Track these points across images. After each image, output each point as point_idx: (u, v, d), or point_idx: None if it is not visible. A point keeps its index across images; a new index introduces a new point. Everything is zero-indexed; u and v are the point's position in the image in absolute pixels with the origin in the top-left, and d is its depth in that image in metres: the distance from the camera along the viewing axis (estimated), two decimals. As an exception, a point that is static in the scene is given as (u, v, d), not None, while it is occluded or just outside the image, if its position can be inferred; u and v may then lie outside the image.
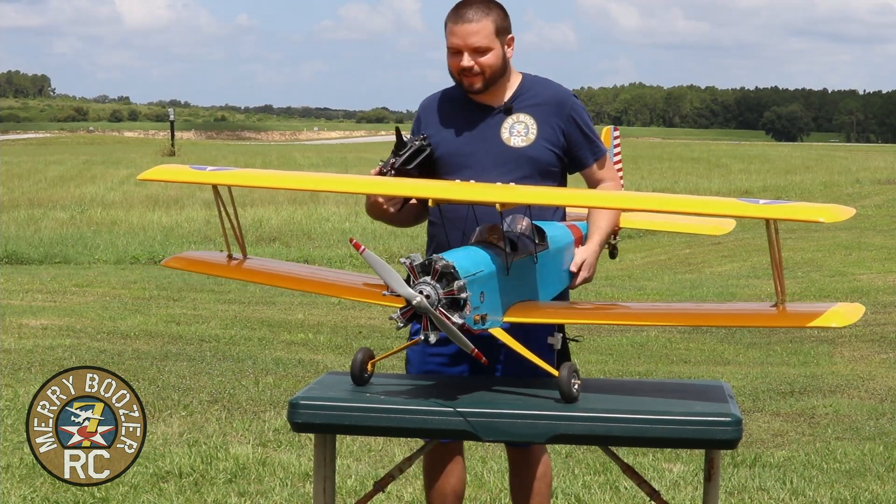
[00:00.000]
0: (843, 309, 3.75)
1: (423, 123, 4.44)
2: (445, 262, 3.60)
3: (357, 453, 6.81)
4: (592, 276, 4.36)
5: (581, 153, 4.39)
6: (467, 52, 4.24)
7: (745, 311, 4.21)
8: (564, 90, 4.43)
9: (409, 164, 4.26)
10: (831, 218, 3.59)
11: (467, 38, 4.24)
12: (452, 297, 3.59)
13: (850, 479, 6.40)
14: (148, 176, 4.33)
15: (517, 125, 4.33)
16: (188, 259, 4.65)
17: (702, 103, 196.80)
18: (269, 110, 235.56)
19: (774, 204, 3.64)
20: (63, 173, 37.56)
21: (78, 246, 19.95)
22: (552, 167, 4.35)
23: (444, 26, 4.33)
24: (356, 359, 3.95)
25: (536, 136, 4.31)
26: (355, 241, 3.57)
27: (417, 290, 3.58)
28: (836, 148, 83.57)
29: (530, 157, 4.30)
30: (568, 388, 3.71)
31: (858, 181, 36.16)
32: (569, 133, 4.36)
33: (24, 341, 10.18)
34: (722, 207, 3.86)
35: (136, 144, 71.40)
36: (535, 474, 4.53)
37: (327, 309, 12.85)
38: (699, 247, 20.61)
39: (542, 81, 4.44)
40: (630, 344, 10.87)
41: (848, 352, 10.44)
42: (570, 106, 4.37)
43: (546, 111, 4.34)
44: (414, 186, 4.11)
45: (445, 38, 4.32)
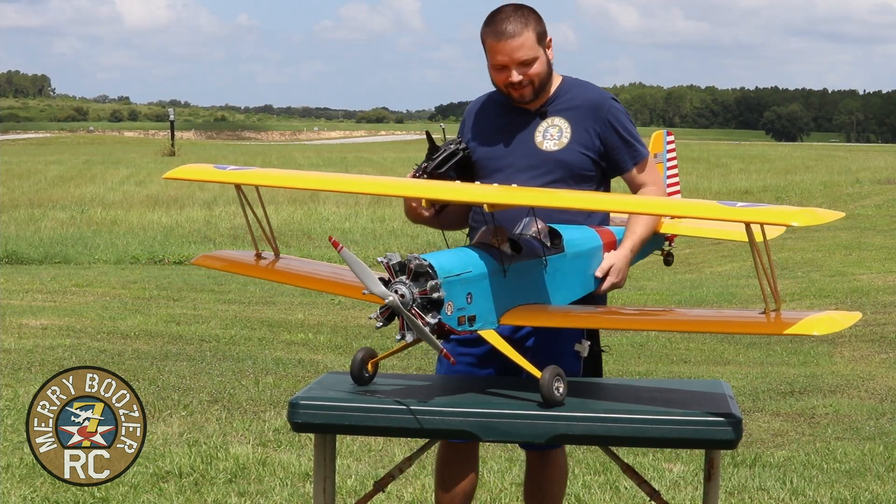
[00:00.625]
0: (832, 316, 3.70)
1: (466, 127, 4.46)
2: (420, 261, 3.61)
3: (357, 453, 6.81)
4: (622, 282, 4.28)
5: (619, 157, 4.35)
6: (514, 66, 4.22)
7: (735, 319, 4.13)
8: (603, 93, 4.39)
9: (441, 167, 4.27)
10: (805, 221, 3.51)
11: (513, 54, 4.20)
12: (426, 296, 3.59)
13: (850, 479, 6.40)
14: (174, 175, 4.37)
15: (551, 129, 4.31)
16: (219, 258, 4.65)
17: (702, 103, 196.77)
18: (269, 110, 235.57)
19: (750, 206, 3.60)
20: (63, 173, 37.56)
21: (78, 246, 19.95)
22: (586, 171, 4.31)
23: (482, 40, 4.28)
24: (356, 358, 3.95)
25: (570, 140, 4.29)
26: (334, 240, 3.56)
27: (392, 289, 3.58)
28: (836, 148, 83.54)
29: (562, 162, 4.27)
30: (549, 391, 3.67)
31: (858, 181, 36.14)
32: (605, 137, 4.32)
33: (24, 341, 10.18)
34: (701, 210, 3.85)
35: (136, 144, 71.39)
36: (549, 478, 4.52)
37: (327, 309, 12.85)
38: (699, 247, 20.61)
39: (582, 84, 4.41)
40: (630, 344, 10.87)
41: (848, 352, 10.44)
42: (608, 109, 4.33)
43: (582, 115, 4.31)
44: (411, 187, 4.11)
45: (486, 51, 4.28)
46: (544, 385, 3.67)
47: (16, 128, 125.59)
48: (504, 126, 4.36)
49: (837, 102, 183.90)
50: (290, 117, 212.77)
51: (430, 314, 3.60)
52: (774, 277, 3.76)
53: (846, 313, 3.75)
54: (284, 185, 4.65)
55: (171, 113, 60.10)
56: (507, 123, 4.36)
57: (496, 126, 4.37)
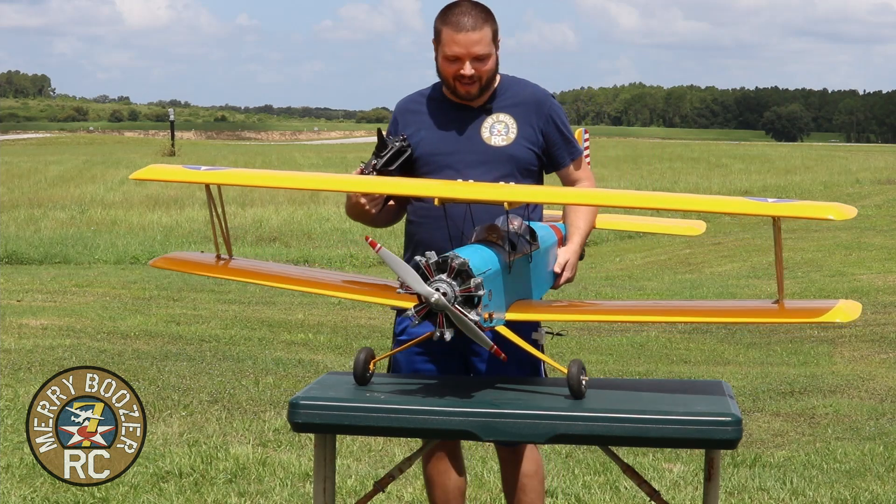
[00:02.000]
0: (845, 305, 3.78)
1: (400, 125, 4.46)
2: (462, 259, 3.63)
3: (357, 453, 6.81)
4: (574, 277, 4.40)
5: (559, 153, 4.43)
6: (469, 60, 4.25)
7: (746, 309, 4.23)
8: (542, 91, 4.47)
9: (390, 165, 4.29)
10: (840, 216, 3.63)
11: (471, 48, 4.24)
12: (468, 294, 3.62)
13: (850, 479, 6.40)
14: (141, 175, 4.32)
15: (497, 124, 4.36)
16: (176, 259, 4.65)
17: (702, 103, 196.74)
18: (269, 110, 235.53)
19: (784, 202, 3.68)
20: (63, 173, 37.57)
21: (78, 246, 19.96)
22: (531, 166, 4.39)
23: (437, 32, 4.32)
24: (359, 358, 3.96)
25: (517, 136, 4.35)
26: (371, 240, 3.59)
27: (434, 287, 3.59)
28: (836, 148, 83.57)
29: (511, 156, 4.33)
30: (577, 384, 3.76)
31: (858, 181, 36.18)
32: (547, 133, 4.40)
33: (24, 341, 10.18)
34: (732, 206, 3.88)
35: (136, 145, 71.41)
36: (524, 471, 4.54)
37: (327, 309, 12.85)
38: (699, 247, 20.62)
39: (521, 82, 4.48)
40: (630, 344, 10.87)
41: (848, 352, 10.44)
42: (549, 106, 4.41)
43: (525, 111, 4.38)
44: (420, 186, 4.12)
45: (440, 43, 4.31)
46: (573, 378, 3.76)
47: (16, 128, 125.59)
48: (448, 123, 4.39)
49: (837, 102, 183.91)
50: (290, 117, 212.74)
51: (473, 311, 3.63)
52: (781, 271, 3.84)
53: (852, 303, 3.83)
54: (250, 184, 4.67)
55: (171, 113, 60.17)
56: (451, 120, 4.39)
57: (438, 123, 4.40)
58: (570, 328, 11.62)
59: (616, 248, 21.74)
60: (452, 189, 4.00)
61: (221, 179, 4.28)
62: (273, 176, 4.80)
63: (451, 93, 4.38)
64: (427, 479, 4.64)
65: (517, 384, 4.05)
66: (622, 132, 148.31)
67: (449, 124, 4.38)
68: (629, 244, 22.04)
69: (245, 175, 4.46)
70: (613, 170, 41.90)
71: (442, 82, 4.39)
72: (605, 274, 17.17)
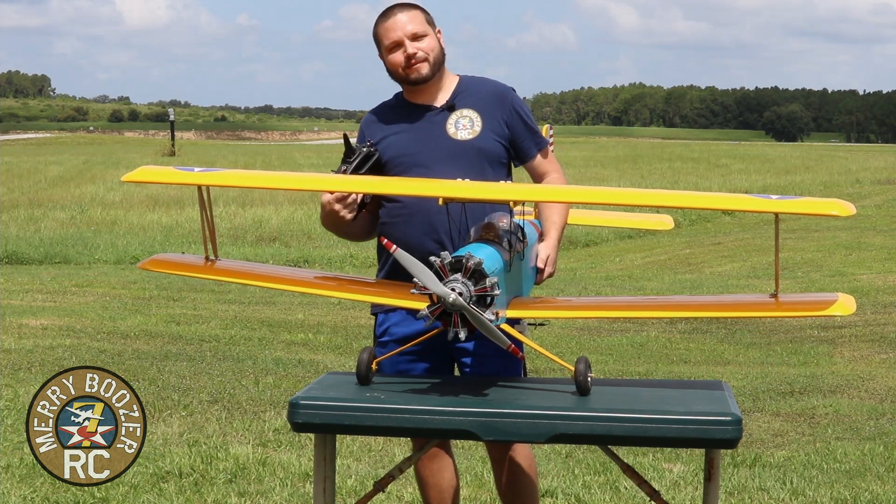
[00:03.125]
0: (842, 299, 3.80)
1: (366, 136, 4.49)
2: (477, 259, 3.64)
3: (357, 453, 6.81)
4: (554, 272, 4.42)
5: (525, 144, 4.46)
6: (407, 39, 4.35)
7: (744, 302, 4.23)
8: (503, 85, 4.51)
9: (359, 170, 4.31)
10: (844, 212, 3.63)
11: (405, 27, 4.36)
12: (483, 293, 3.63)
13: (850, 479, 6.40)
14: (132, 177, 4.28)
15: (462, 119, 4.40)
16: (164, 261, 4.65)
17: (702, 103, 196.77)
18: (270, 110, 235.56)
19: (788, 199, 3.69)
20: (63, 173, 37.58)
21: (78, 246, 19.96)
22: (501, 158, 4.42)
23: (375, 38, 4.44)
24: (362, 359, 3.97)
25: (482, 128, 4.38)
26: (387, 242, 3.60)
27: (449, 287, 3.61)
28: (836, 148, 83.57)
29: (479, 149, 4.36)
30: (584, 381, 3.79)
31: (858, 181, 36.18)
32: (512, 125, 4.43)
33: (24, 341, 10.18)
34: (736, 203, 3.89)
35: (136, 145, 71.41)
36: (517, 471, 4.54)
37: (327, 309, 12.85)
38: (699, 247, 20.62)
39: (481, 79, 4.53)
40: (630, 344, 10.87)
41: (848, 352, 10.44)
42: (511, 99, 4.46)
43: (489, 105, 4.42)
44: (418, 185, 4.12)
45: (380, 44, 4.42)
46: (580, 375, 3.78)
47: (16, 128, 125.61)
48: (413, 125, 4.43)
49: (837, 102, 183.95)
50: (290, 117, 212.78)
51: (488, 311, 3.64)
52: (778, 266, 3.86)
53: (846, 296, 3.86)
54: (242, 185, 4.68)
55: (172, 113, 60.15)
56: (416, 122, 4.43)
57: (402, 126, 4.44)
58: (571, 328, 11.63)
59: (616, 248, 21.75)
60: (456, 189, 4.00)
61: (212, 181, 4.28)
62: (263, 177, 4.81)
63: (408, 87, 4.43)
64: (420, 479, 4.63)
65: (517, 384, 4.05)
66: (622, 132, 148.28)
67: (413, 125, 4.42)
68: (629, 244, 22.04)
69: (236, 176, 4.47)
70: (613, 170, 41.92)
71: (398, 83, 4.46)
72: (605, 274, 17.17)
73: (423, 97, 4.44)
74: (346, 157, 4.33)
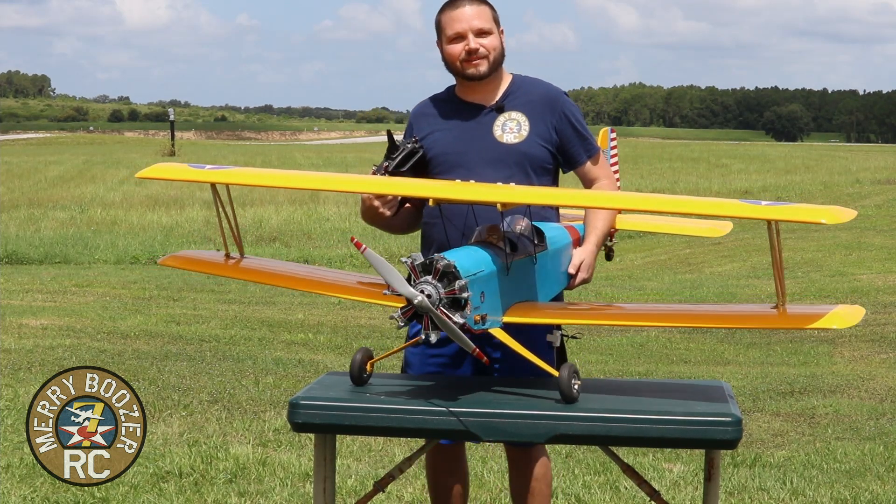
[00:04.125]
0: (844, 311, 3.75)
1: (415, 129, 4.45)
2: (447, 261, 3.60)
3: (357, 453, 6.81)
4: (591, 278, 4.35)
5: (574, 150, 4.39)
6: (472, 33, 4.28)
7: (745, 313, 4.21)
8: (555, 88, 4.44)
9: (402, 166, 4.28)
10: (833, 219, 3.59)
11: (471, 21, 4.28)
12: (454, 296, 3.59)
13: (850, 479, 6.40)
14: (146, 174, 4.32)
15: (509, 122, 4.34)
16: (185, 258, 4.65)
17: (702, 103, 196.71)
18: (269, 110, 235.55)
19: (776, 205, 3.65)
20: (63, 173, 37.56)
21: (78, 246, 19.95)
22: (546, 164, 4.35)
23: (437, 25, 4.36)
24: (355, 359, 3.95)
25: (529, 133, 4.32)
26: (356, 241, 3.57)
27: (419, 289, 3.58)
28: (836, 148, 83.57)
29: (523, 154, 4.30)
30: (568, 388, 3.71)
31: (858, 181, 36.17)
32: (561, 130, 4.36)
33: (24, 341, 10.18)
34: (724, 208, 3.86)
35: (136, 144, 71.40)
36: (534, 474, 4.53)
37: (327, 309, 12.85)
38: (699, 247, 20.61)
39: (533, 80, 4.46)
40: (630, 344, 10.87)
41: (848, 352, 10.44)
42: (562, 103, 4.39)
43: (538, 108, 4.35)
44: (414, 185, 4.11)
45: (441, 32, 4.35)
46: (563, 382, 3.71)
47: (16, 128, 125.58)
48: (460, 123, 4.38)
49: (837, 102, 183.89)
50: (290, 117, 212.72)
51: (458, 314, 3.61)
52: (782, 275, 3.82)
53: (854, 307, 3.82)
54: (256, 183, 4.64)
55: (172, 113, 60.13)
56: (463, 120, 4.38)
57: (451, 124, 4.39)
58: (571, 327, 11.62)
59: (616, 248, 21.72)
60: (447, 190, 3.99)
61: (226, 178, 4.27)
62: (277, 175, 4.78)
63: (462, 80, 4.37)
64: (429, 482, 4.63)
65: (517, 384, 4.05)
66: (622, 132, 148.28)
67: (461, 124, 4.37)
68: (629, 244, 22.03)
69: (249, 174, 4.45)
70: (613, 170, 41.81)
71: (453, 75, 4.39)
72: (606, 274, 17.16)
73: (474, 95, 4.38)
74: (389, 154, 4.30)
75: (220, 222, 4.44)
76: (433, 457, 4.56)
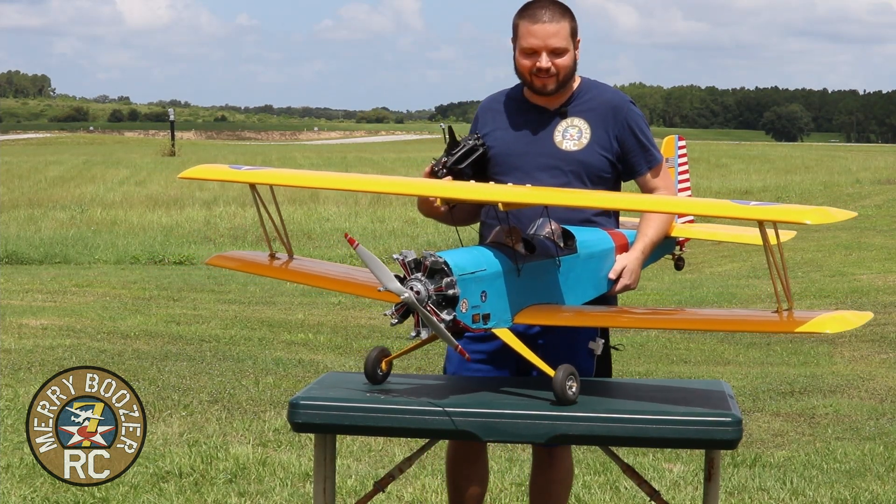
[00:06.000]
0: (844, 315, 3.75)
1: (480, 123, 4.46)
2: (436, 258, 3.63)
3: (357, 453, 6.81)
4: (635, 284, 4.29)
5: (635, 160, 4.37)
6: (546, 52, 4.25)
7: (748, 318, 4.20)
8: (622, 96, 4.41)
9: (460, 163, 4.28)
10: (818, 220, 3.56)
11: (547, 39, 4.24)
12: (442, 293, 3.61)
13: (850, 479, 6.40)
14: (189, 174, 4.42)
15: (571, 129, 4.33)
16: (233, 258, 4.68)
17: (702, 103, 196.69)
18: (269, 110, 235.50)
19: (764, 205, 3.64)
20: (63, 173, 37.54)
21: (78, 246, 19.95)
22: (604, 173, 4.33)
23: (514, 27, 4.32)
24: (370, 357, 3.96)
25: (589, 141, 4.31)
26: (349, 237, 3.59)
27: (408, 286, 3.60)
28: (836, 148, 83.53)
29: (581, 162, 4.29)
30: (562, 390, 3.70)
31: (858, 181, 36.15)
32: (623, 139, 4.34)
33: (24, 341, 10.18)
34: (715, 209, 3.86)
35: (137, 145, 71.37)
36: (555, 477, 4.53)
37: (327, 309, 12.85)
38: (699, 247, 20.59)
39: (600, 86, 4.43)
40: (630, 344, 10.86)
41: (848, 352, 10.44)
42: (627, 112, 4.35)
43: (601, 116, 4.33)
44: (426, 186, 4.11)
45: (517, 37, 4.31)
46: (557, 384, 3.70)
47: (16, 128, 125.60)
48: (522, 124, 4.37)
49: (837, 102, 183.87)
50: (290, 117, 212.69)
51: (446, 311, 3.62)
52: (787, 277, 3.81)
53: (858, 312, 3.82)
54: (300, 184, 4.66)
55: (172, 113, 60.07)
56: (526, 122, 4.37)
57: (514, 124, 4.38)
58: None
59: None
60: (454, 190, 4.00)
61: (268, 179, 4.31)
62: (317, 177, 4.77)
63: (528, 89, 4.36)
64: (449, 482, 4.62)
65: (517, 384, 4.05)
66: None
67: (524, 126, 4.36)
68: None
69: (291, 176, 4.49)
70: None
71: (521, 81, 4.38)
72: (605, 274, 17.15)
73: (541, 98, 4.36)
74: (450, 149, 4.30)
75: (263, 222, 4.47)
76: (452, 453, 4.57)
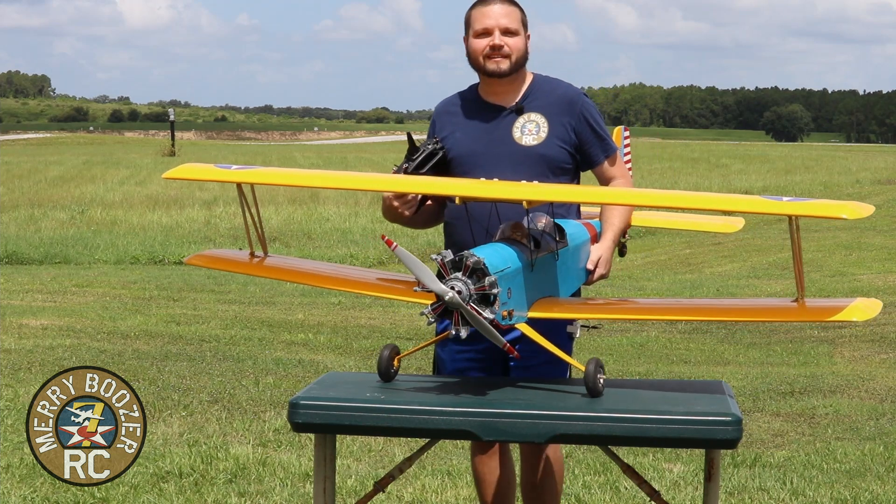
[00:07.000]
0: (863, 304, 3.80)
1: (438, 127, 4.51)
2: (476, 258, 3.65)
3: (357, 453, 6.81)
4: (609, 273, 4.42)
5: (592, 150, 4.44)
6: (498, 30, 4.34)
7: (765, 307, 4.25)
8: (574, 89, 4.49)
9: (421, 168, 4.33)
10: (854, 214, 3.64)
11: (499, 18, 4.35)
12: (483, 292, 3.63)
13: (850, 479, 6.40)
14: (174, 174, 4.37)
15: (528, 124, 4.39)
16: (211, 257, 4.68)
17: (702, 103, 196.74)
18: (270, 110, 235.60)
19: (798, 201, 3.69)
20: (63, 173, 37.55)
21: (78, 246, 19.95)
22: (565, 164, 4.40)
23: (466, 20, 4.43)
24: (383, 355, 3.98)
25: (548, 135, 4.37)
26: (387, 238, 3.63)
27: (449, 285, 3.61)
28: (836, 148, 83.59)
29: (542, 156, 4.35)
30: (594, 383, 3.77)
31: (858, 181, 36.18)
32: (580, 131, 4.41)
33: (24, 341, 10.18)
34: (746, 205, 3.89)
35: (137, 145, 71.38)
36: (544, 470, 4.54)
37: (327, 309, 12.85)
38: (699, 247, 20.62)
39: (552, 81, 4.51)
40: (630, 344, 10.86)
41: (848, 352, 10.44)
42: (581, 104, 4.43)
43: (557, 110, 4.40)
44: (442, 185, 4.14)
45: (469, 27, 4.41)
46: (589, 376, 3.77)
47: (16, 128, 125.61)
48: (480, 124, 4.43)
49: (837, 102, 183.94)
50: (290, 117, 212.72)
51: (487, 309, 3.64)
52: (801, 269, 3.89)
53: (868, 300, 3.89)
54: (283, 182, 4.66)
55: (172, 113, 60.09)
56: (483, 121, 4.43)
57: (472, 124, 4.44)
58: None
59: (616, 248, 21.71)
60: (474, 188, 4.01)
61: (253, 178, 4.30)
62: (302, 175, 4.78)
63: (483, 77, 4.42)
64: (476, 476, 4.67)
65: (518, 384, 4.05)
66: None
67: (481, 125, 4.42)
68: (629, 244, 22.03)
69: (275, 174, 4.48)
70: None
71: (475, 71, 4.44)
72: (605, 274, 17.16)
73: (495, 96, 4.43)
74: (410, 155, 4.34)
75: (246, 222, 4.47)
76: (473, 448, 4.64)
